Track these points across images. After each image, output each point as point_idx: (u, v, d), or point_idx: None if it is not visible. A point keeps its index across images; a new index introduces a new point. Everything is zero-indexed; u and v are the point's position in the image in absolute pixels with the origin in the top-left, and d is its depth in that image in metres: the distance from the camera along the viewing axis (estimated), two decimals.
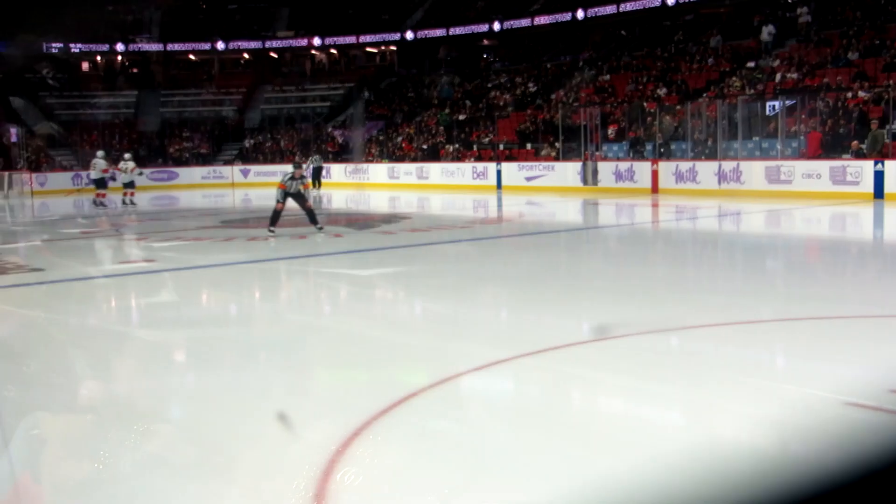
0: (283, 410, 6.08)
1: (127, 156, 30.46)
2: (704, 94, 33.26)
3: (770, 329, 8.11)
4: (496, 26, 48.65)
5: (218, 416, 5.99)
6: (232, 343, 7.92)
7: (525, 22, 47.54)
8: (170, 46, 55.78)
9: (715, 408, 5.84)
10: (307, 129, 49.77)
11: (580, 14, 44.62)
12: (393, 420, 5.60)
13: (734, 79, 33.73)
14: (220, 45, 55.72)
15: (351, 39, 54.54)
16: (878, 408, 5.54)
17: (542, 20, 46.83)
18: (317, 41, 55.44)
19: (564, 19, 45.67)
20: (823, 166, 24.46)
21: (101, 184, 28.57)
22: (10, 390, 6.91)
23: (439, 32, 51.51)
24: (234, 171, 45.28)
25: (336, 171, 41.68)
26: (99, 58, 56.95)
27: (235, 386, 6.90)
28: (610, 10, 43.52)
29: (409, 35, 52.95)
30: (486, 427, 5.56)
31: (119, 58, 57.36)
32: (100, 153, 29.47)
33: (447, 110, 44.39)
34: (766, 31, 35.46)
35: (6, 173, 37.72)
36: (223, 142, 50.33)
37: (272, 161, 45.43)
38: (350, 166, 41.68)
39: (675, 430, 5.50)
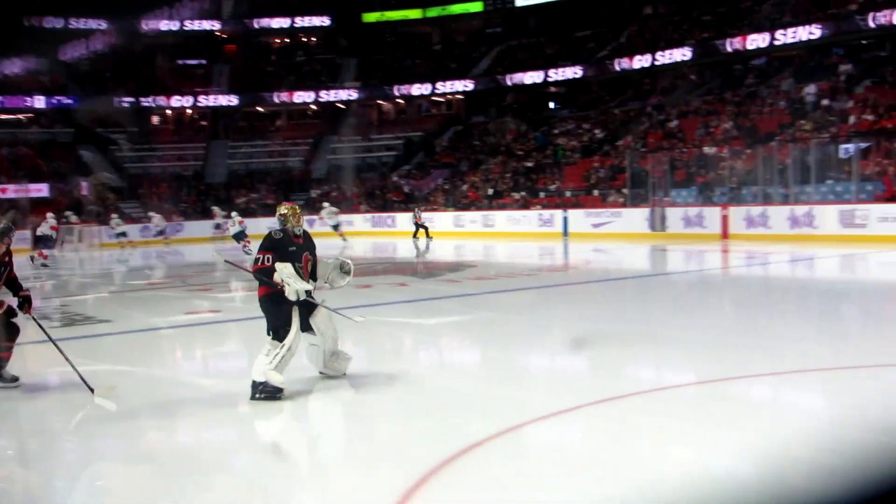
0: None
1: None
2: (776, 138, 32.80)
3: (843, 377, 7.83)
4: (576, 72, 48.42)
5: (280, 465, 5.91)
6: (293, 393, 7.82)
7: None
8: (237, 99, 56.76)
9: (786, 457, 5.62)
10: (373, 179, 50.10)
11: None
12: (455, 470, 5.49)
13: (805, 122, 33.23)
14: (287, 97, 56.54)
15: (416, 89, 54.95)
16: None
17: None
18: (383, 91, 56.04)
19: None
20: None
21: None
22: (73, 441, 6.89)
23: (526, 78, 51.56)
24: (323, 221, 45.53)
25: (401, 221, 41.82)
26: (168, 111, 58.14)
27: (298, 435, 6.82)
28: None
29: (476, 84, 53.25)
30: (550, 478, 5.39)
31: (188, 111, 58.51)
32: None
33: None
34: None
35: (77, 226, 38.46)
36: (290, 192, 50.88)
37: (340, 211, 45.64)
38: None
39: (745, 481, 5.30)
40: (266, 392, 7.45)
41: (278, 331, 7.64)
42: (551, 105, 53.07)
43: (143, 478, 5.91)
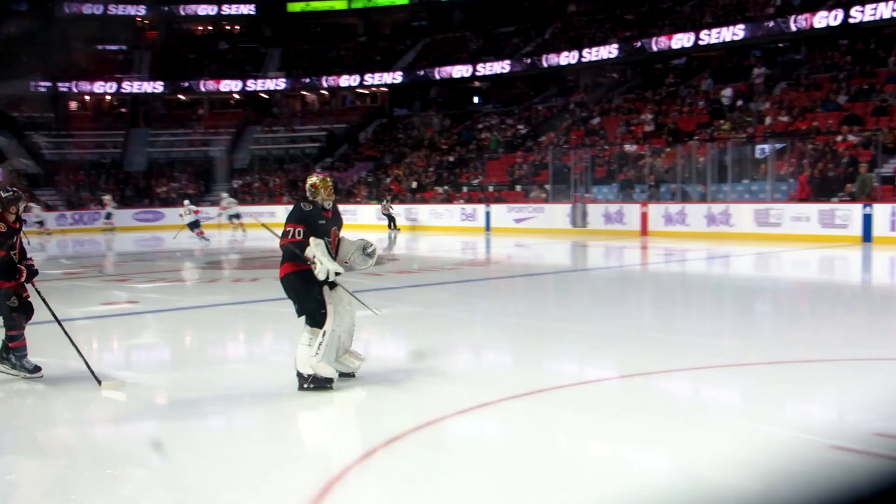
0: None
1: None
2: (695, 137, 33.38)
3: (756, 372, 8.02)
4: (495, 67, 48.63)
5: (195, 461, 5.84)
6: (213, 386, 7.75)
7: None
8: (159, 86, 55.83)
9: (701, 450, 5.74)
10: (296, 170, 49.72)
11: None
12: (374, 464, 5.48)
13: (723, 122, 33.88)
14: (210, 86, 55.78)
15: (341, 80, 54.65)
16: (864, 451, 5.47)
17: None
18: (308, 81, 55.62)
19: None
20: (812, 209, 24.49)
21: None
22: None
23: (444, 72, 51.58)
24: (221, 212, 45.05)
25: None
26: (87, 97, 56.93)
27: (214, 430, 6.75)
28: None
29: (401, 77, 53.14)
30: (469, 471, 5.41)
31: (108, 97, 57.37)
32: None
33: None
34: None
35: None
36: (211, 182, 50.22)
37: (260, 202, 45.29)
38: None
39: (660, 473, 5.39)
40: (316, 382, 7.15)
41: (314, 315, 7.23)
42: (475, 100, 53.28)
43: (55, 470, 5.80)
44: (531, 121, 44.65)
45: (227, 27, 61.78)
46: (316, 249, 7.14)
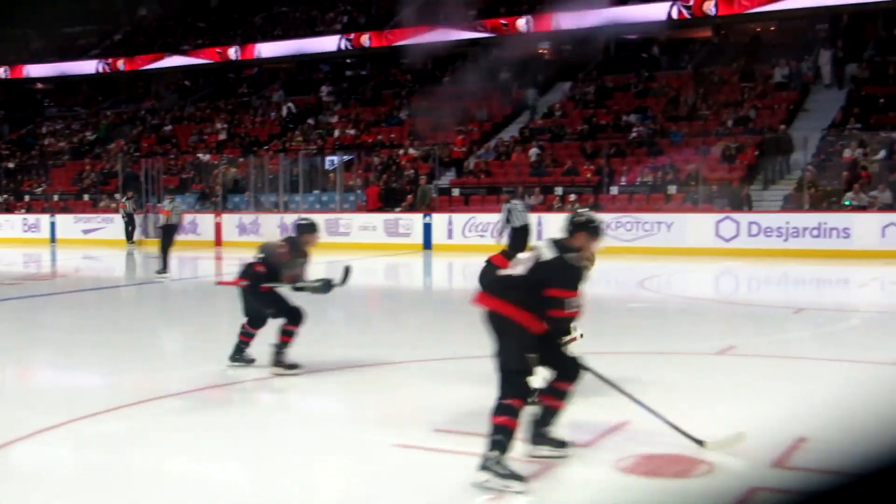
0: None
1: None
2: (266, 147, 33.94)
3: (332, 377, 8.40)
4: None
5: None
6: None
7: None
8: None
9: (277, 457, 5.89)
10: None
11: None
12: None
13: (295, 133, 34.74)
14: None
15: None
16: (425, 447, 5.92)
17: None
18: None
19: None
20: (378, 219, 25.86)
21: None
22: None
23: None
24: None
25: None
26: None
27: None
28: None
29: None
30: (37, 499, 5.21)
31: None
32: None
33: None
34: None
35: None
36: None
37: None
38: None
39: (230, 485, 5.48)
40: None
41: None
42: (42, 102, 50.19)
43: None
44: (100, 126, 42.94)
45: None
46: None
